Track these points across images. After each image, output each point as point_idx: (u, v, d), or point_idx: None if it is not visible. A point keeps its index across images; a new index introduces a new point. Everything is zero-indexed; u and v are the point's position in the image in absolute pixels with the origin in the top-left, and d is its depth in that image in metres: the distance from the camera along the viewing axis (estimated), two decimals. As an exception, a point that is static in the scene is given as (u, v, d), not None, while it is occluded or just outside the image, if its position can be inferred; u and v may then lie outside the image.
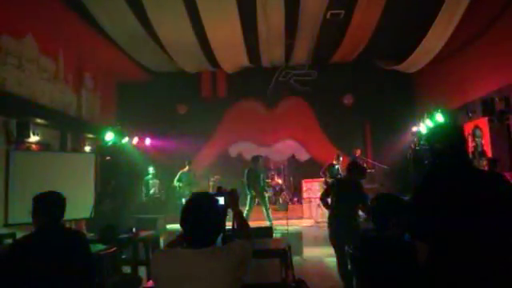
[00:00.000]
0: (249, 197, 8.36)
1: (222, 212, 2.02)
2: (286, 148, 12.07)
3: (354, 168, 4.98)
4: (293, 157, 12.09)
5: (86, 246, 2.90)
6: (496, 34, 7.49)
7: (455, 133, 2.05)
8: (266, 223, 8.08)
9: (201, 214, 1.93)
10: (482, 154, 7.83)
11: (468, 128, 8.47)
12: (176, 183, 9.70)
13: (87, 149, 9.64)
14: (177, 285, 1.84)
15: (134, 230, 5.63)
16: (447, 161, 1.97)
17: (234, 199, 2.45)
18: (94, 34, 8.35)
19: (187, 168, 9.85)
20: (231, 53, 9.96)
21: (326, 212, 9.23)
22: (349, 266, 3.22)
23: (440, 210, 1.87)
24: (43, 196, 2.81)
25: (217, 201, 2.04)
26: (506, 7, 7.06)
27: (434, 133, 2.11)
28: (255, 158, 8.58)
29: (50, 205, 2.79)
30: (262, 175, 8.56)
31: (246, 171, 8.48)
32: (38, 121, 7.71)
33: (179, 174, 9.75)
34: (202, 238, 1.91)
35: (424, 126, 10.20)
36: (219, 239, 2.10)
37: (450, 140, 2.00)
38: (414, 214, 2.00)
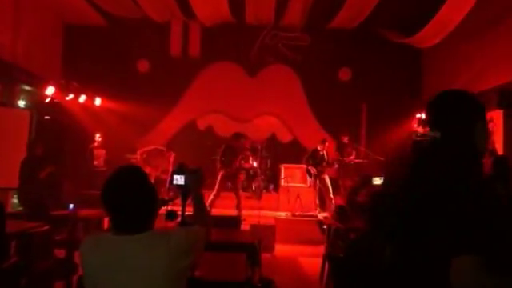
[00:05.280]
0: (219, 178, 8.38)
1: (153, 190, 1.97)
2: (265, 125, 12.05)
3: None
4: (273, 136, 12.10)
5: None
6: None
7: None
8: (233, 212, 8.12)
9: (125, 194, 1.87)
10: (492, 151, 8.02)
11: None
12: (130, 155, 9.58)
13: (21, 103, 9.37)
14: (107, 277, 1.83)
15: (71, 206, 5.56)
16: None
17: (196, 180, 2.43)
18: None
19: (164, 151, 9.80)
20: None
21: (306, 204, 9.48)
22: None
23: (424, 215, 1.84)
24: None
25: (145, 176, 1.98)
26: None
27: (430, 111, 1.97)
28: (237, 136, 8.60)
29: None
30: (240, 156, 8.62)
31: (222, 147, 8.56)
32: (-39, 63, 7.38)
33: (152, 148, 9.70)
34: (129, 223, 1.88)
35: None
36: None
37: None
38: (393, 212, 2.02)
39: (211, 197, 8.17)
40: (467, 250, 1.55)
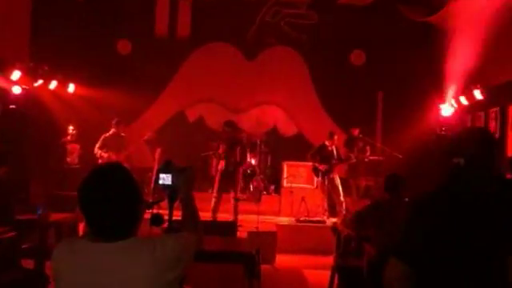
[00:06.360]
0: (217, 177, 8.40)
1: (137, 191, 1.97)
2: (266, 116, 12.07)
3: None
4: (274, 129, 12.11)
5: None
6: None
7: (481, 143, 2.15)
8: (229, 216, 8.16)
9: (105, 194, 1.87)
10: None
11: (513, 113, 8.67)
12: (97, 151, 9.58)
13: (-18, 91, 9.36)
14: None
15: (40, 210, 5.57)
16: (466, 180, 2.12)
17: (186, 179, 2.43)
18: None
19: (113, 131, 9.71)
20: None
21: (312, 208, 9.47)
22: None
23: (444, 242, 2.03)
24: None
25: (130, 174, 1.98)
26: None
27: (454, 142, 2.23)
28: (229, 125, 8.55)
29: None
30: (238, 149, 8.56)
31: (218, 141, 8.55)
32: None
33: (102, 139, 9.65)
34: (109, 229, 1.88)
35: (452, 105, 10.33)
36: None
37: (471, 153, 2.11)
38: (411, 235, 2.14)
39: (213, 199, 8.21)
40: None
